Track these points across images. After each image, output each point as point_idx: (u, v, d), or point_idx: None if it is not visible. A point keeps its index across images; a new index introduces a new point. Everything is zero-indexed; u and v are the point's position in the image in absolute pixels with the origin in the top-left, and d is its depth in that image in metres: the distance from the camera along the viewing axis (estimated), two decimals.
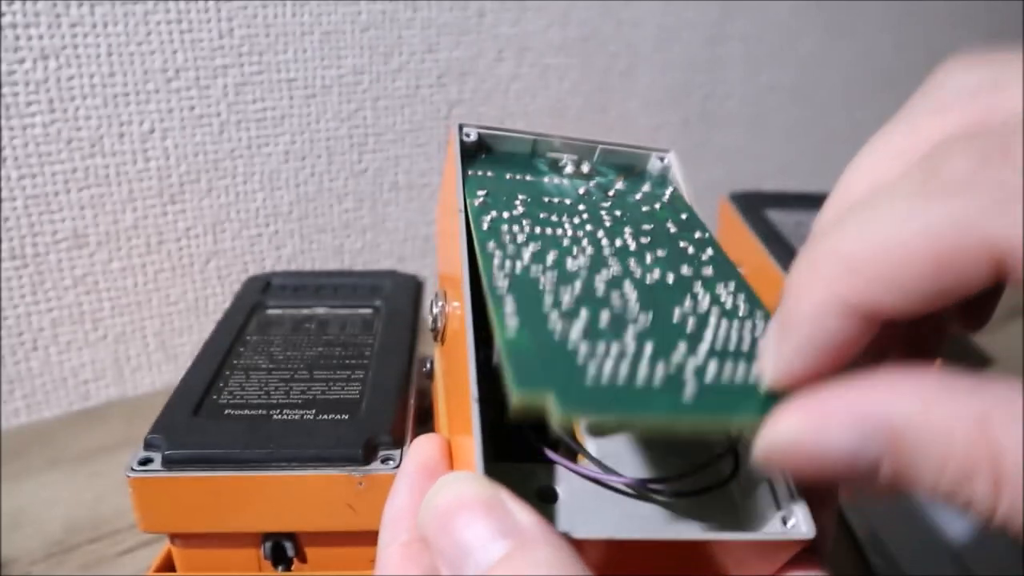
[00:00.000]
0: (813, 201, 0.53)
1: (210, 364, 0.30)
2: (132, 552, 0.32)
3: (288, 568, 0.27)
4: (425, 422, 0.33)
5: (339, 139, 0.46)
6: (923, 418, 0.14)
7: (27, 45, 0.36)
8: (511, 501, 0.16)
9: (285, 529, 0.26)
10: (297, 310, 0.35)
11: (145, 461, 0.25)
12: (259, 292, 0.36)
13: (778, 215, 0.50)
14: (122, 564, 0.32)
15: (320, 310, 0.35)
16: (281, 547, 0.26)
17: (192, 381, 0.29)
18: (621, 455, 0.21)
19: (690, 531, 0.18)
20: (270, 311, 0.35)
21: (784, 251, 0.44)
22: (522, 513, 0.16)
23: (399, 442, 0.26)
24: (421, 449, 0.21)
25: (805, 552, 0.21)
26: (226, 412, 0.27)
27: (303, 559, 0.27)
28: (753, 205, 0.51)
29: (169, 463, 0.25)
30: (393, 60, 0.46)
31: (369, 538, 0.26)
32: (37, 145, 0.38)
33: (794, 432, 0.15)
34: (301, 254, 0.47)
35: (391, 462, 0.25)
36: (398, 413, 0.27)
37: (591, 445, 0.21)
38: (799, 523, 0.18)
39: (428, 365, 0.29)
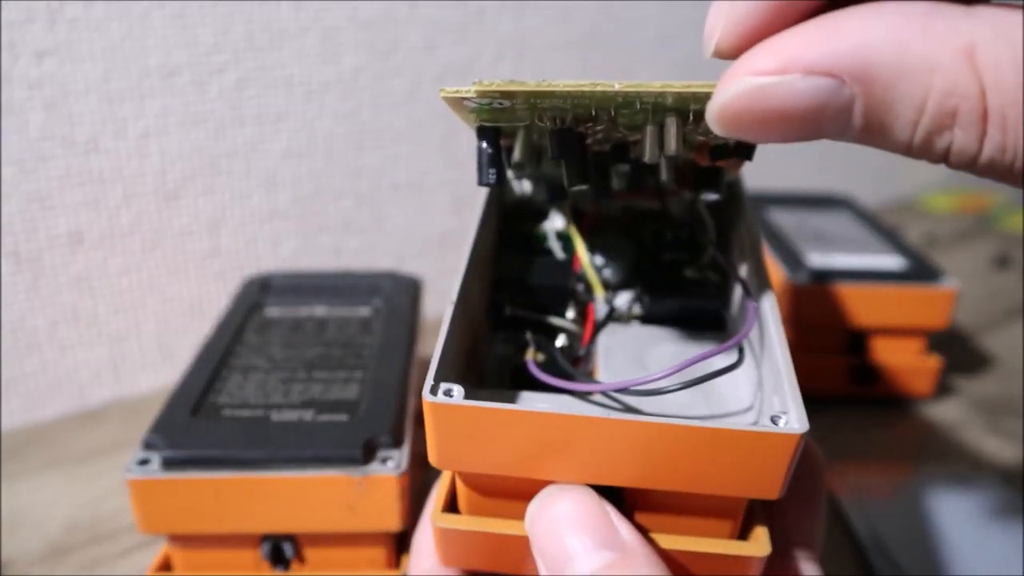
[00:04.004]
0: (813, 201, 0.53)
1: (208, 364, 0.30)
2: (131, 553, 0.32)
3: (287, 569, 0.27)
4: (424, 423, 0.33)
5: (338, 138, 0.46)
6: (901, 49, 0.12)
7: (24, 42, 0.36)
8: (616, 516, 0.17)
9: (284, 530, 0.26)
10: (296, 310, 0.35)
11: (143, 462, 0.25)
12: (257, 292, 0.36)
13: (778, 215, 0.50)
14: (121, 565, 0.32)
15: (319, 310, 0.35)
16: (280, 548, 0.26)
17: (190, 382, 0.29)
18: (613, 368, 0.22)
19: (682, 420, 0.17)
20: (269, 311, 0.35)
21: (784, 251, 0.44)
22: (625, 529, 0.17)
23: (398, 442, 0.26)
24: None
25: (794, 564, 0.21)
26: (225, 413, 0.27)
27: (302, 560, 0.27)
28: (753, 205, 0.51)
29: (168, 464, 0.25)
30: (392, 58, 0.46)
31: (368, 539, 0.26)
32: (33, 144, 0.38)
33: (755, 82, 0.13)
34: (299, 254, 0.47)
35: (390, 462, 0.25)
36: (397, 413, 0.27)
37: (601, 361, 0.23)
38: (791, 420, 0.17)
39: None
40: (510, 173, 0.24)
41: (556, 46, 0.52)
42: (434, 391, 0.17)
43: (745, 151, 0.21)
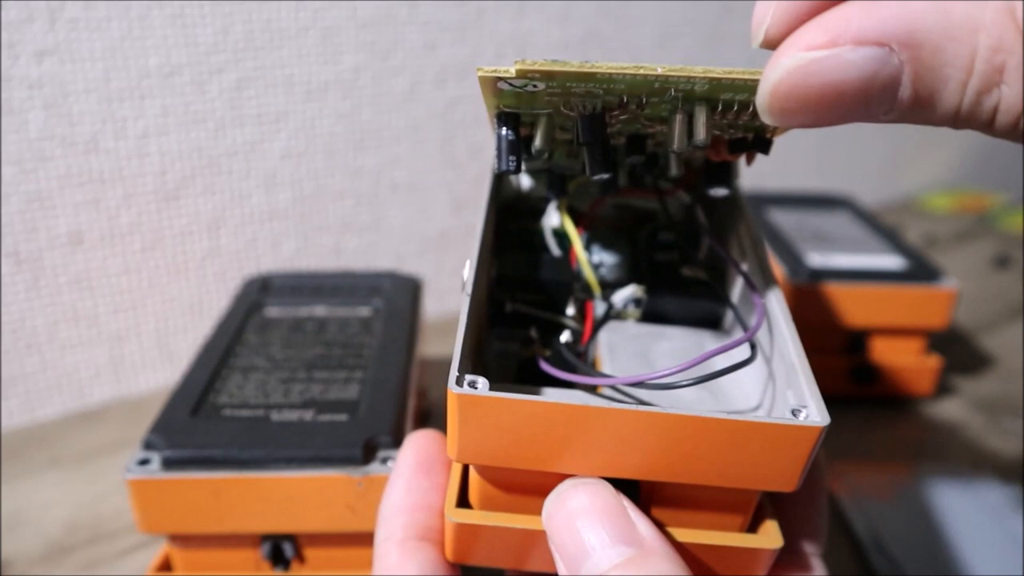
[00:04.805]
0: (813, 201, 0.53)
1: (208, 364, 0.30)
2: (131, 553, 0.32)
3: (287, 569, 0.27)
4: (425, 422, 0.33)
5: (337, 138, 0.46)
6: (945, 11, 0.13)
7: (23, 42, 0.36)
8: (633, 511, 0.17)
9: (284, 530, 0.26)
10: (296, 310, 0.35)
11: (143, 462, 0.25)
12: (257, 292, 0.36)
13: (778, 215, 0.50)
14: (121, 565, 0.32)
15: (319, 310, 0.35)
16: (280, 548, 0.26)
17: (190, 381, 0.29)
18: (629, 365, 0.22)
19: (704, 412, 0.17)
20: (269, 311, 0.35)
21: (784, 251, 0.44)
22: (643, 524, 0.17)
23: (398, 442, 0.26)
24: (417, 445, 0.21)
25: (802, 556, 0.21)
26: (225, 412, 0.27)
27: (302, 560, 0.27)
28: (753, 205, 0.51)
29: (168, 464, 0.25)
30: (392, 58, 0.46)
31: (368, 539, 0.26)
32: (33, 144, 0.38)
33: (806, 57, 0.13)
34: (299, 254, 0.47)
35: (390, 462, 0.25)
36: (397, 413, 0.27)
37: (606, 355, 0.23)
38: (811, 413, 0.17)
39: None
40: (524, 165, 0.24)
41: (556, 46, 0.52)
42: (459, 382, 0.17)
43: (762, 145, 0.21)
